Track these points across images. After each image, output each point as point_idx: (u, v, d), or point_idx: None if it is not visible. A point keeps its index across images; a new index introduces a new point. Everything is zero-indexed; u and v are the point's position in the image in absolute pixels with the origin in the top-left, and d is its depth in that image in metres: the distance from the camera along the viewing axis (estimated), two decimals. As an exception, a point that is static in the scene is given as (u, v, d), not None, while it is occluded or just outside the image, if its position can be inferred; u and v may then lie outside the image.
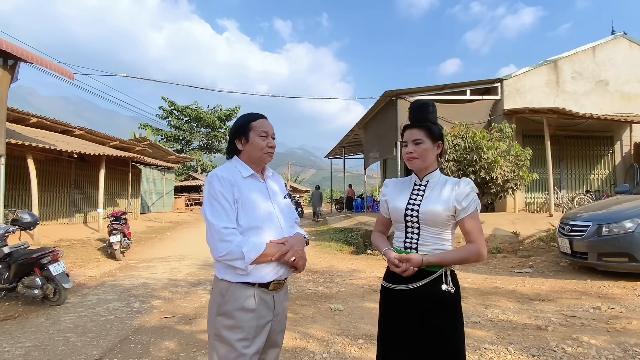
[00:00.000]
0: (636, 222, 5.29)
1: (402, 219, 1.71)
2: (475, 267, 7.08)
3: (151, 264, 7.88)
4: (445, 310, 1.63)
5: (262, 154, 1.72)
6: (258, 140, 1.72)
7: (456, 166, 8.76)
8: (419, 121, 1.73)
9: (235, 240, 1.54)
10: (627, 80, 11.80)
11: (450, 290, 1.62)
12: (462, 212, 1.65)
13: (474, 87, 11.88)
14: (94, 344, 3.60)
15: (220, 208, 1.58)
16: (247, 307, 1.59)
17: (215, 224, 1.55)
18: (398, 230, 1.77)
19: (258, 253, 1.56)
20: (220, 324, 1.58)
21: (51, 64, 8.17)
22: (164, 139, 32.48)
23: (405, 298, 1.66)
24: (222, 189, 1.59)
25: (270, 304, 1.66)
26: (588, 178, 11.95)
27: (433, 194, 1.70)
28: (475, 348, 3.21)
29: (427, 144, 1.69)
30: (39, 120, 11.84)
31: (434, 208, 1.65)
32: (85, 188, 13.59)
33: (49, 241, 9.33)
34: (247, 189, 1.67)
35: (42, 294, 4.80)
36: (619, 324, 3.69)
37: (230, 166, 1.73)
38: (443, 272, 1.64)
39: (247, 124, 1.74)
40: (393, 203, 1.77)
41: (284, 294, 1.76)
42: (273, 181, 1.85)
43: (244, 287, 1.60)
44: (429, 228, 1.67)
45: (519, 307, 4.45)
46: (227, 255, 1.54)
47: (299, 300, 4.99)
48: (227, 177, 1.62)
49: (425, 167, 1.73)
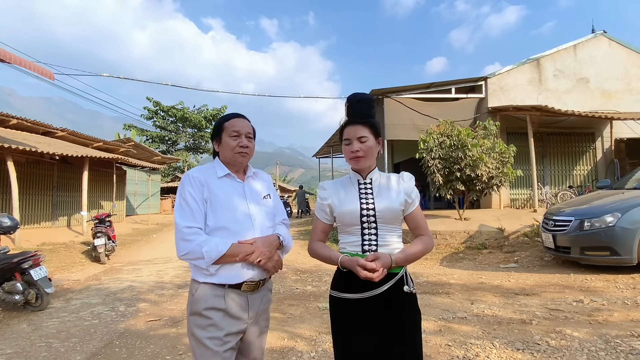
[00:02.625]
0: (617, 216, 5.41)
1: (357, 221, 1.60)
2: (461, 263, 7.16)
3: (137, 267, 7.77)
4: (408, 311, 1.57)
5: (233, 154, 1.71)
6: (228, 140, 1.71)
7: (442, 164, 8.83)
8: (363, 117, 1.64)
9: (197, 240, 1.54)
10: (607, 77, 12.05)
11: (412, 291, 1.57)
12: (411, 205, 1.64)
13: (459, 86, 12.01)
14: (77, 349, 3.53)
15: (187, 208, 1.59)
16: (216, 307, 1.58)
17: (179, 223, 1.57)
18: (349, 235, 1.64)
19: (219, 253, 1.54)
20: (192, 323, 1.59)
21: (31, 64, 7.98)
22: (149, 140, 32.05)
23: (365, 306, 1.54)
24: (191, 189, 1.61)
25: (244, 305, 1.63)
26: (571, 174, 12.18)
27: (382, 191, 1.65)
28: (461, 343, 3.25)
29: (371, 141, 1.63)
30: (19, 121, 11.56)
31: (390, 204, 1.60)
32: (69, 190, 13.32)
33: (31, 245, 9.12)
34: (219, 188, 1.66)
35: (23, 299, 4.69)
36: (600, 317, 3.76)
37: (208, 166, 1.74)
38: (403, 272, 1.59)
39: (220, 125, 1.75)
40: (343, 206, 1.63)
41: (261, 296, 1.72)
42: (255, 181, 1.82)
43: (213, 287, 1.59)
44: (386, 226, 1.61)
45: (504, 301, 4.51)
46: (188, 255, 1.55)
47: (287, 299, 4.98)
48: (198, 176, 1.64)
49: (369, 165, 1.67)
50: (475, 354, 3.05)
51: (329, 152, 22.89)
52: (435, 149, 8.87)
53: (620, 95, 11.99)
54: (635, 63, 12.20)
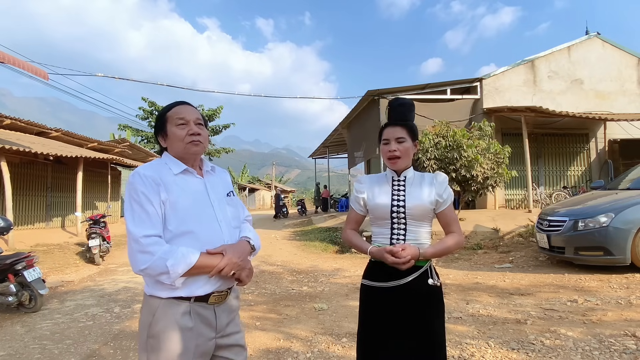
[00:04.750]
0: (610, 216, 5.45)
1: (387, 215, 1.71)
2: (457, 263, 7.18)
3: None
4: (432, 304, 1.66)
5: (184, 144, 1.47)
6: (175, 130, 1.48)
7: (438, 164, 8.86)
8: (402, 119, 1.74)
9: (158, 252, 1.30)
10: (601, 79, 12.15)
11: (436, 284, 1.66)
12: (442, 204, 1.72)
13: (454, 87, 12.06)
14: (71, 350, 3.51)
15: (142, 212, 1.34)
16: (183, 326, 1.35)
17: (134, 232, 1.31)
18: (380, 227, 1.75)
19: (187, 266, 1.32)
20: (152, 347, 1.35)
21: (25, 64, 7.93)
22: (144, 140, 31.85)
23: (391, 295, 1.65)
24: (145, 190, 1.36)
25: (211, 319, 1.42)
26: (565, 174, 12.27)
27: (414, 188, 1.73)
28: (456, 343, 3.26)
29: (409, 143, 1.72)
30: (12, 121, 11.46)
31: (420, 202, 1.69)
32: (63, 191, 13.21)
33: (25, 246, 9.04)
34: (178, 187, 1.43)
35: (16, 300, 4.65)
36: (594, 316, 3.79)
37: (159, 162, 1.49)
38: (428, 266, 1.67)
39: (162, 116, 1.51)
40: (375, 200, 1.75)
41: (229, 306, 1.51)
42: (215, 177, 1.61)
43: (177, 302, 1.36)
44: (415, 222, 1.70)
45: (499, 301, 4.53)
46: (149, 270, 1.31)
47: (282, 300, 4.97)
48: (151, 175, 1.38)
49: (405, 165, 1.75)
50: (471, 353, 3.06)
51: (325, 153, 22.90)
52: (430, 150, 8.90)
53: (614, 96, 12.10)
54: (629, 64, 12.32)
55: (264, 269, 7.16)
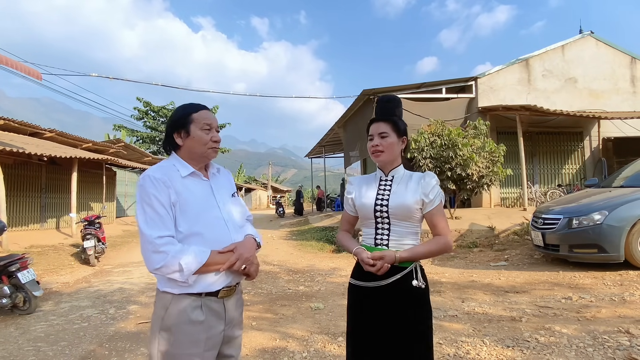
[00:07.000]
0: (604, 214, 5.49)
1: (371, 215, 1.70)
2: (452, 261, 7.21)
3: (127, 269, 7.69)
4: (416, 305, 1.64)
5: (206, 149, 1.54)
6: (201, 134, 1.52)
7: (433, 163, 8.89)
8: (385, 115, 1.75)
9: (172, 251, 1.37)
10: (595, 77, 12.22)
11: (420, 286, 1.63)
12: (429, 205, 1.67)
13: (450, 86, 12.08)
14: (66, 352, 3.49)
15: (154, 214, 1.40)
16: (195, 320, 1.43)
17: (148, 234, 1.37)
18: (367, 227, 1.75)
19: (199, 264, 1.39)
20: (164, 340, 1.42)
21: (17, 64, 7.87)
22: (139, 141, 31.72)
23: (375, 295, 1.64)
24: (156, 192, 1.41)
25: (221, 313, 1.50)
26: (559, 173, 12.34)
27: (400, 188, 1.71)
28: (452, 341, 3.27)
29: (392, 138, 1.71)
30: (6, 122, 11.38)
31: (403, 202, 1.66)
32: (57, 192, 13.13)
33: (19, 248, 8.98)
34: (187, 189, 1.48)
35: (10, 302, 4.62)
36: (589, 313, 3.82)
37: (167, 164, 1.53)
38: (413, 267, 1.65)
39: (187, 116, 1.54)
40: (360, 200, 1.75)
41: (236, 300, 1.60)
42: (220, 178, 1.67)
43: (189, 297, 1.44)
44: (399, 222, 1.67)
45: (495, 299, 4.55)
46: (163, 269, 1.37)
47: (279, 300, 4.97)
48: (161, 177, 1.43)
49: (390, 161, 1.74)
50: (466, 351, 3.08)
51: (322, 152, 22.90)
52: (426, 149, 8.92)
53: (608, 95, 12.17)
54: (622, 63, 12.39)
55: (261, 268, 7.11)
